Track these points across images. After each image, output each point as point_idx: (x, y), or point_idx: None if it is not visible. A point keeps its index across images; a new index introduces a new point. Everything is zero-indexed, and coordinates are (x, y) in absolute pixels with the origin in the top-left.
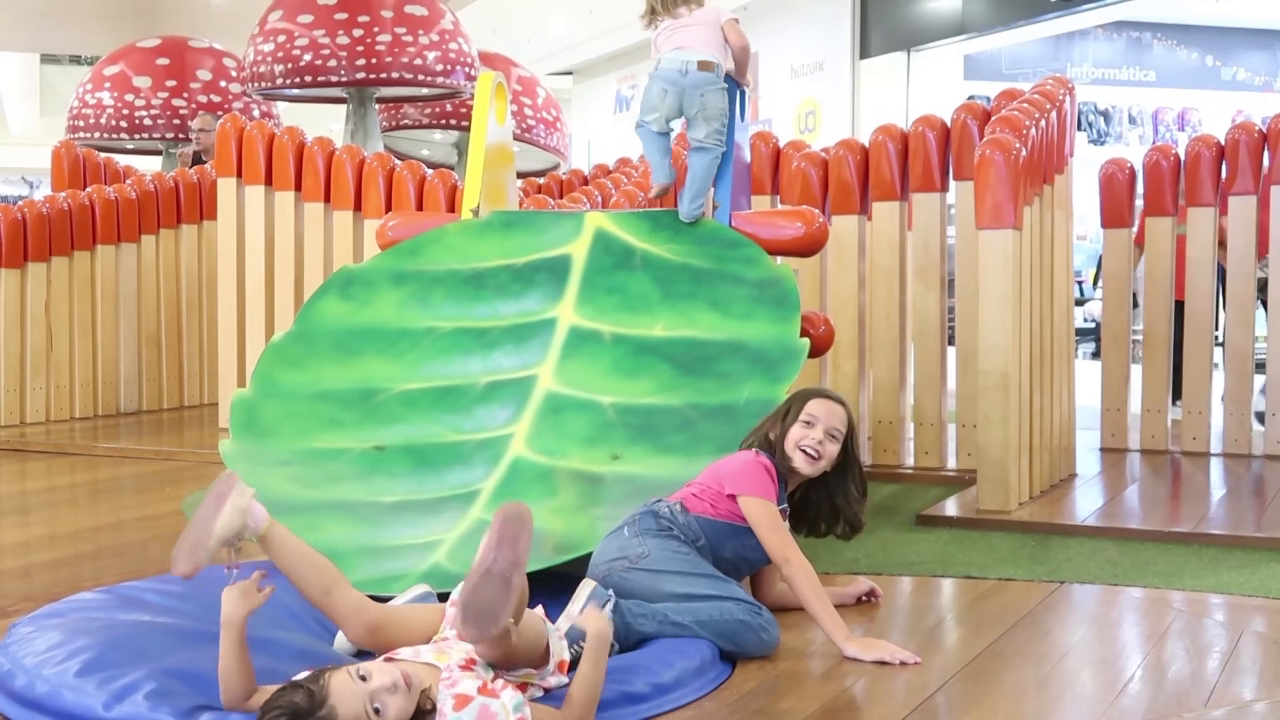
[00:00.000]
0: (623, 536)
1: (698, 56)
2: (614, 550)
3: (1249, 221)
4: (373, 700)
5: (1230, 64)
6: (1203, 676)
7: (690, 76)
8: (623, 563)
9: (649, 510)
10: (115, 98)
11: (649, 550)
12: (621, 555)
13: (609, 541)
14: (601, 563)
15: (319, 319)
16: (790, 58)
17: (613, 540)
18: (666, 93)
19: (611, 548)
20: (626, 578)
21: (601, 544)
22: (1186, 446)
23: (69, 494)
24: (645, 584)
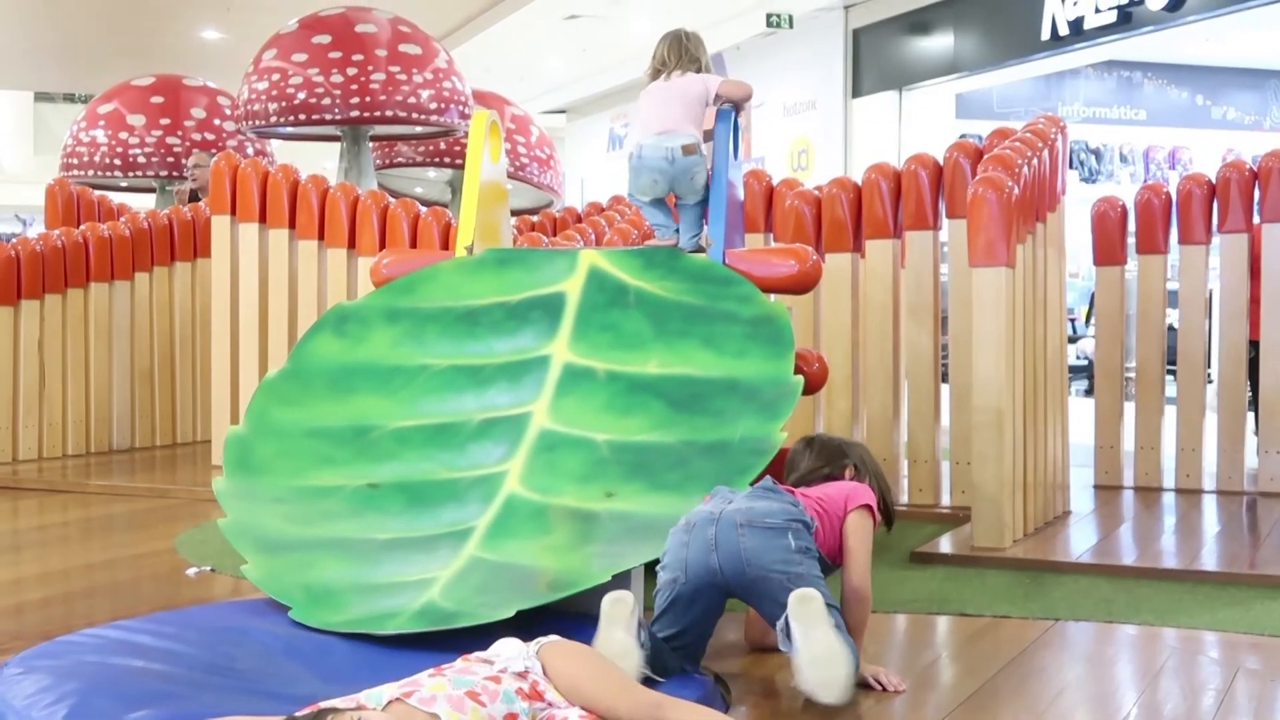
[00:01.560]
0: (786, 544)
1: (681, 141)
2: (779, 557)
3: (1240, 259)
4: None
5: (1220, 103)
6: (1198, 714)
7: (677, 164)
8: (783, 577)
9: (801, 521)
10: (109, 135)
11: (806, 575)
12: (785, 570)
13: (767, 539)
14: (766, 564)
15: (312, 356)
16: (783, 96)
17: (773, 540)
18: (657, 182)
19: (775, 550)
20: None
21: (756, 537)
22: (1180, 484)
23: (61, 532)
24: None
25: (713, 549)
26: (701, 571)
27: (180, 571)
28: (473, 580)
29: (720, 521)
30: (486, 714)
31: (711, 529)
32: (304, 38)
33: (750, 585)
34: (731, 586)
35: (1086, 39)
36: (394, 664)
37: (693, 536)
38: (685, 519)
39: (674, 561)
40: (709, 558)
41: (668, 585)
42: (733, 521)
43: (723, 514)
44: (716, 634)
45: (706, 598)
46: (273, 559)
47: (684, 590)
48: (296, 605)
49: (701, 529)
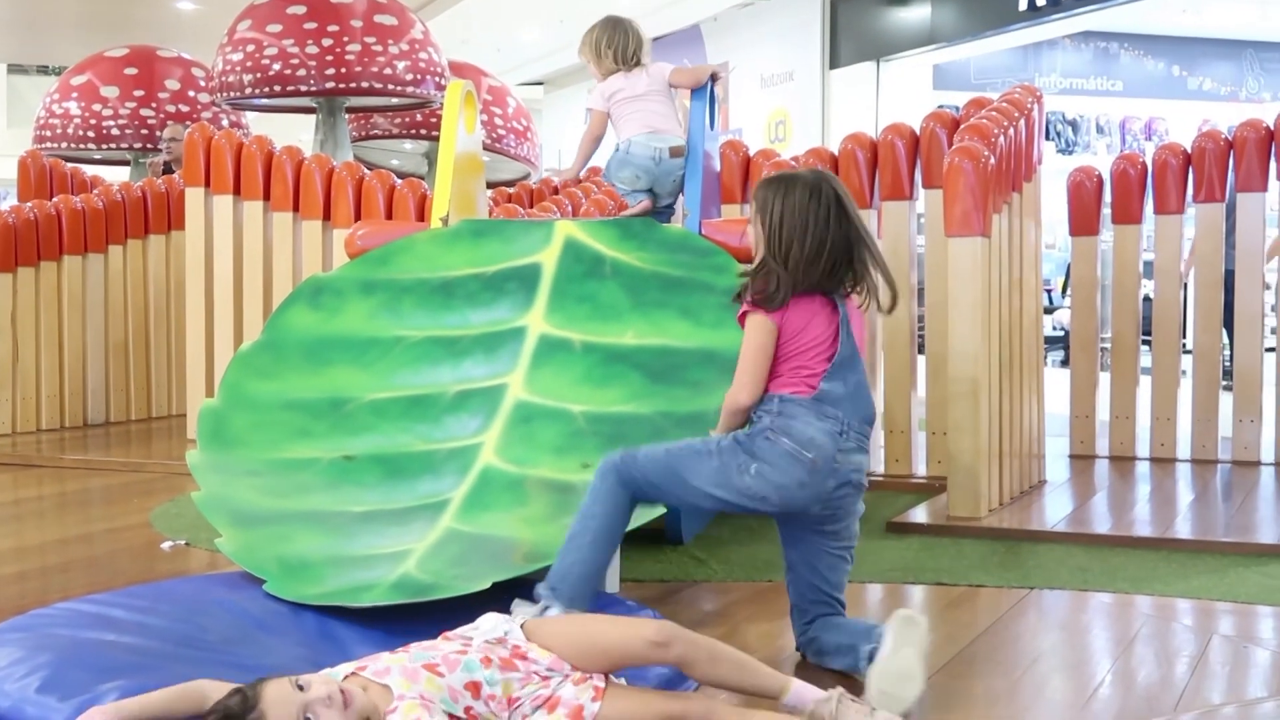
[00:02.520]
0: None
1: (670, 142)
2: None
3: (1216, 229)
4: (306, 710)
5: (1196, 74)
6: (1172, 681)
7: (664, 165)
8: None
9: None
10: (83, 107)
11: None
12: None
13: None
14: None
15: (287, 328)
16: (760, 68)
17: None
18: (639, 178)
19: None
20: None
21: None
22: (1155, 453)
23: (36, 506)
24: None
25: (820, 501)
26: (797, 507)
27: (155, 545)
28: (449, 552)
29: (841, 476)
30: (444, 683)
31: (831, 483)
32: (279, 8)
33: (818, 528)
34: (799, 518)
35: (1063, 9)
36: (369, 637)
37: (812, 480)
38: (813, 458)
39: (778, 488)
40: (812, 503)
41: (749, 498)
42: (852, 481)
43: (844, 466)
44: (691, 604)
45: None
46: (248, 532)
47: (763, 509)
48: (271, 578)
49: (823, 479)
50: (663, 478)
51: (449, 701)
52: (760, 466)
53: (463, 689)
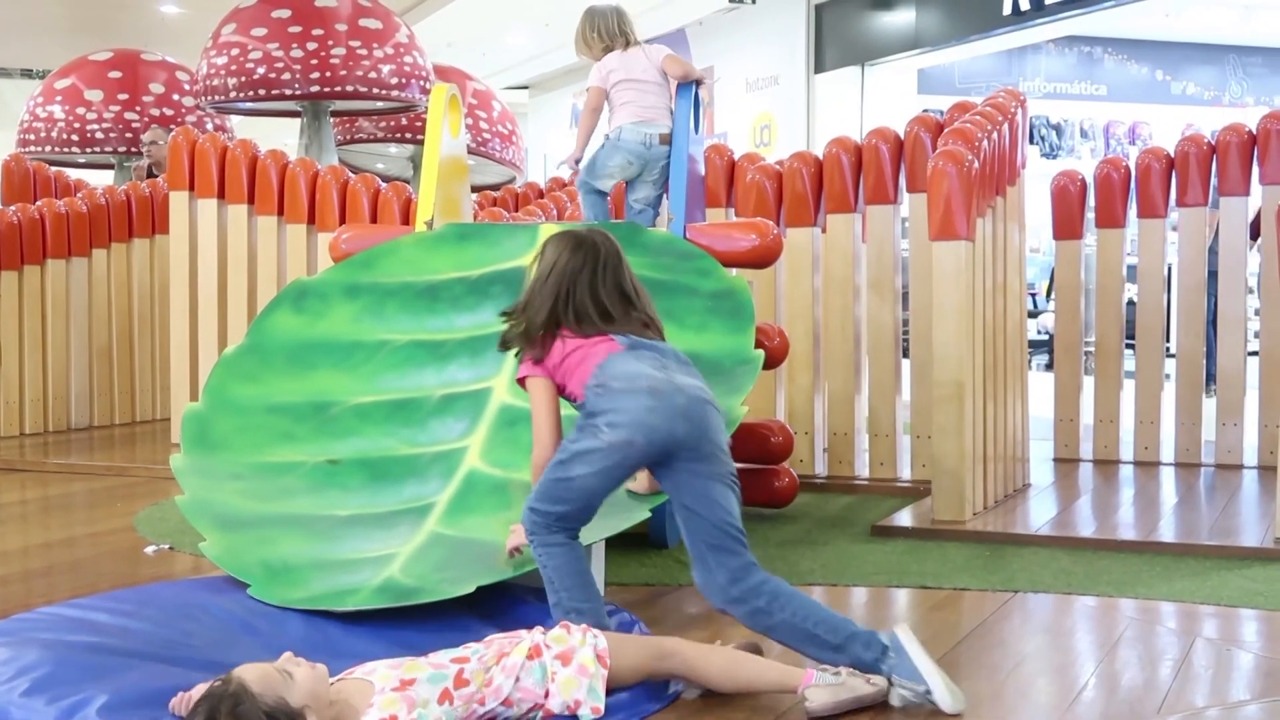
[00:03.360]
0: (722, 423)
1: (659, 129)
2: (724, 436)
3: (1199, 233)
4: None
5: (1180, 78)
6: (1156, 684)
7: (654, 150)
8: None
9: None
10: (67, 111)
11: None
12: (724, 447)
13: (719, 419)
14: (719, 441)
15: (272, 332)
16: (745, 72)
17: (720, 420)
18: (630, 164)
19: (722, 430)
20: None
21: (715, 415)
22: (1139, 456)
23: (19, 510)
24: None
25: (683, 418)
26: (664, 439)
27: (139, 550)
28: (433, 556)
29: (688, 395)
30: (426, 661)
31: (680, 399)
32: (264, 12)
33: (698, 459)
34: (676, 455)
35: (1047, 14)
36: (354, 640)
37: (660, 403)
38: (646, 383)
39: (634, 425)
40: (675, 425)
41: (615, 449)
42: (700, 398)
43: (684, 386)
44: (676, 608)
45: (635, 469)
46: (231, 536)
47: (634, 455)
48: (255, 582)
49: (669, 397)
50: (560, 499)
51: (437, 675)
52: (607, 417)
53: (449, 662)
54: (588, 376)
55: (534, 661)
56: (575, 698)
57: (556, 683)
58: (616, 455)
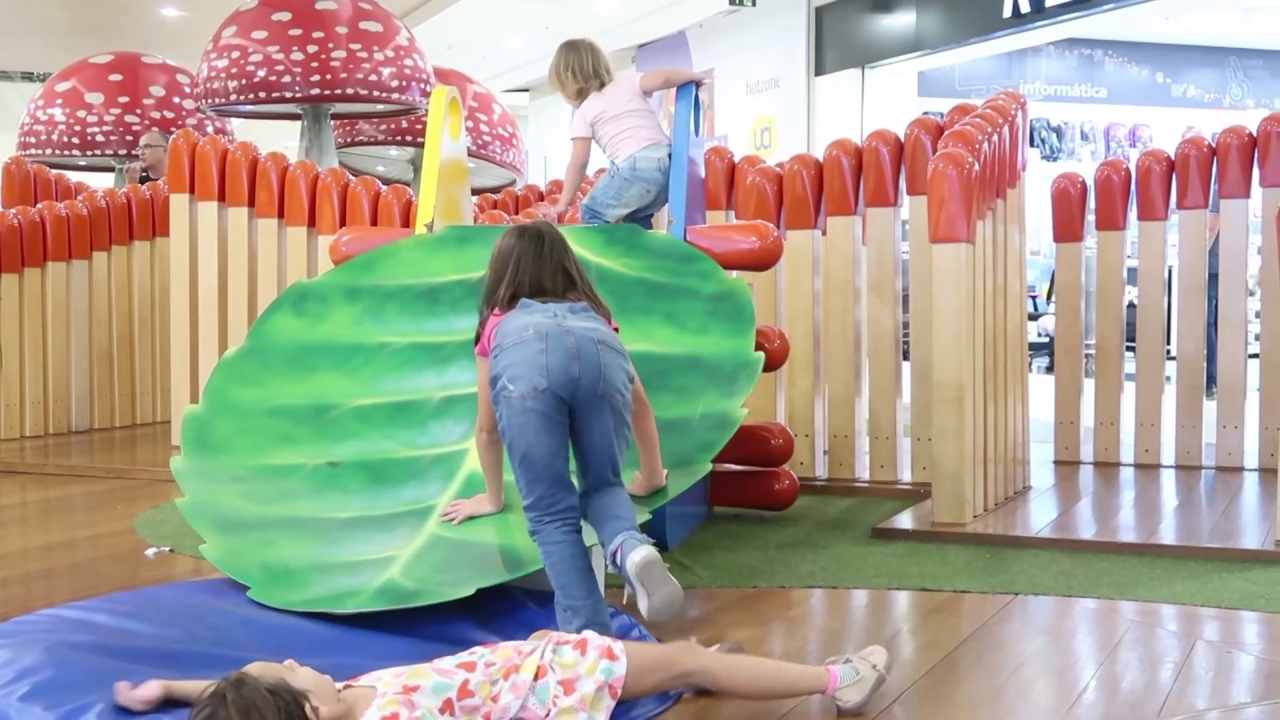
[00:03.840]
0: (626, 369)
1: (667, 150)
2: (622, 380)
3: (1199, 235)
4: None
5: (1180, 81)
6: (1156, 686)
7: (667, 174)
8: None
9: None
10: (67, 114)
11: (629, 404)
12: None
13: (616, 360)
14: (615, 384)
15: (272, 335)
16: (746, 75)
17: (619, 362)
18: (649, 191)
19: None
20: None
21: (609, 355)
22: (1139, 459)
23: (20, 513)
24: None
25: (574, 358)
26: (562, 377)
27: (139, 552)
28: (433, 558)
29: (577, 335)
30: (431, 668)
31: (570, 339)
32: (264, 15)
33: (595, 401)
34: (578, 399)
35: (1047, 16)
36: (353, 643)
37: (550, 344)
38: (531, 330)
39: (531, 370)
40: (570, 365)
41: (522, 401)
42: (590, 338)
43: (574, 328)
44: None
45: (562, 412)
46: (232, 538)
47: (544, 401)
48: (256, 585)
49: (559, 339)
50: (526, 480)
51: (441, 685)
52: (507, 374)
53: (455, 668)
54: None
55: (540, 682)
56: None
57: (557, 707)
58: (531, 404)
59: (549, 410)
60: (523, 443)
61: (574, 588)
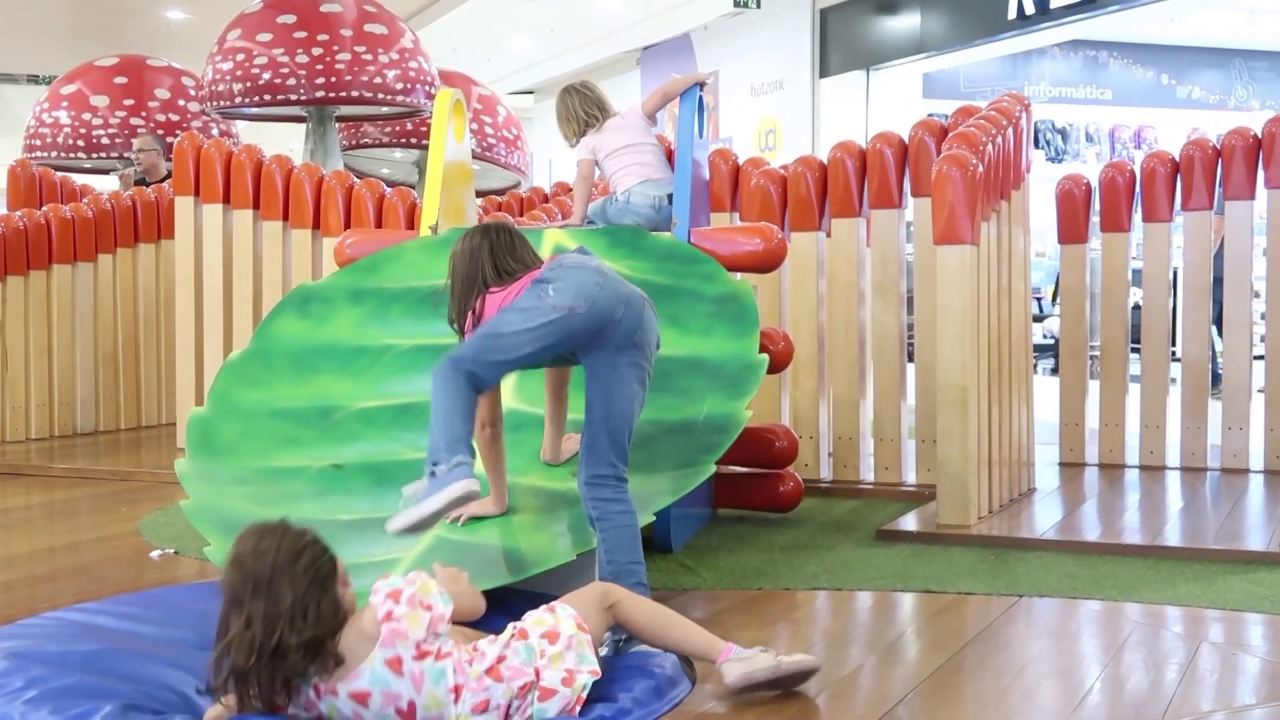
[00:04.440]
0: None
1: (666, 190)
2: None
3: (1204, 237)
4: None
5: (1185, 82)
6: (1161, 688)
7: (663, 212)
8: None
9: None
10: (72, 117)
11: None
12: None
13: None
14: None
15: (276, 337)
16: (750, 77)
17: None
18: (640, 225)
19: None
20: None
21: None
22: (1144, 460)
23: (25, 515)
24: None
25: (624, 302)
26: (603, 314)
27: (144, 554)
28: (438, 561)
29: (630, 287)
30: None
31: (625, 288)
32: (269, 17)
33: (626, 347)
34: (608, 340)
35: (1052, 18)
36: None
37: (607, 281)
38: (597, 265)
39: (579, 292)
40: (617, 308)
41: (555, 310)
42: (639, 294)
43: (628, 283)
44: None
45: (570, 345)
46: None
47: (572, 322)
48: None
49: (616, 283)
50: (483, 346)
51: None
52: (556, 284)
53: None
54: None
55: (521, 642)
56: (566, 668)
57: (546, 658)
58: (555, 316)
59: (564, 329)
60: (520, 334)
61: (448, 420)
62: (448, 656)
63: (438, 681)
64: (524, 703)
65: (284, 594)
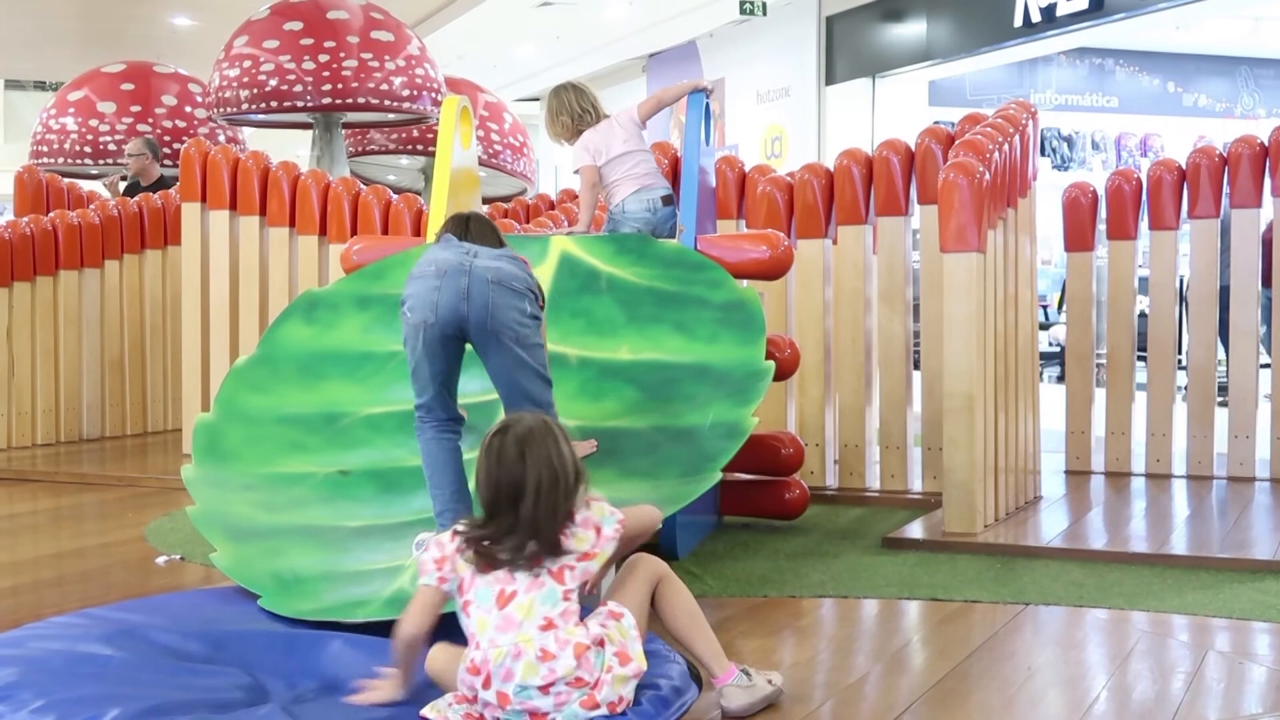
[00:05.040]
0: (523, 308)
1: (659, 193)
2: (515, 317)
3: (1211, 245)
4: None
5: (1191, 90)
6: (1167, 697)
7: (659, 214)
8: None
9: (535, 290)
10: (79, 123)
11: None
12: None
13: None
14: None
15: (283, 343)
16: (757, 84)
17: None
18: (639, 229)
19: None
20: None
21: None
22: (1150, 469)
23: (31, 520)
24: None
25: (464, 298)
26: (450, 315)
27: (150, 560)
28: None
29: (472, 274)
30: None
31: (464, 279)
32: (276, 24)
33: (487, 336)
34: (470, 334)
35: (1059, 26)
36: (364, 652)
37: (444, 283)
38: (435, 266)
39: (423, 305)
40: (460, 305)
41: (416, 329)
42: (484, 278)
43: (473, 267)
44: None
45: (451, 343)
46: (242, 546)
47: (432, 333)
48: (266, 593)
49: (454, 278)
50: (416, 387)
51: None
52: (408, 303)
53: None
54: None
55: (597, 648)
56: (620, 694)
57: (611, 675)
58: (420, 333)
59: (437, 340)
60: (414, 358)
61: (438, 479)
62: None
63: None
64: (568, 694)
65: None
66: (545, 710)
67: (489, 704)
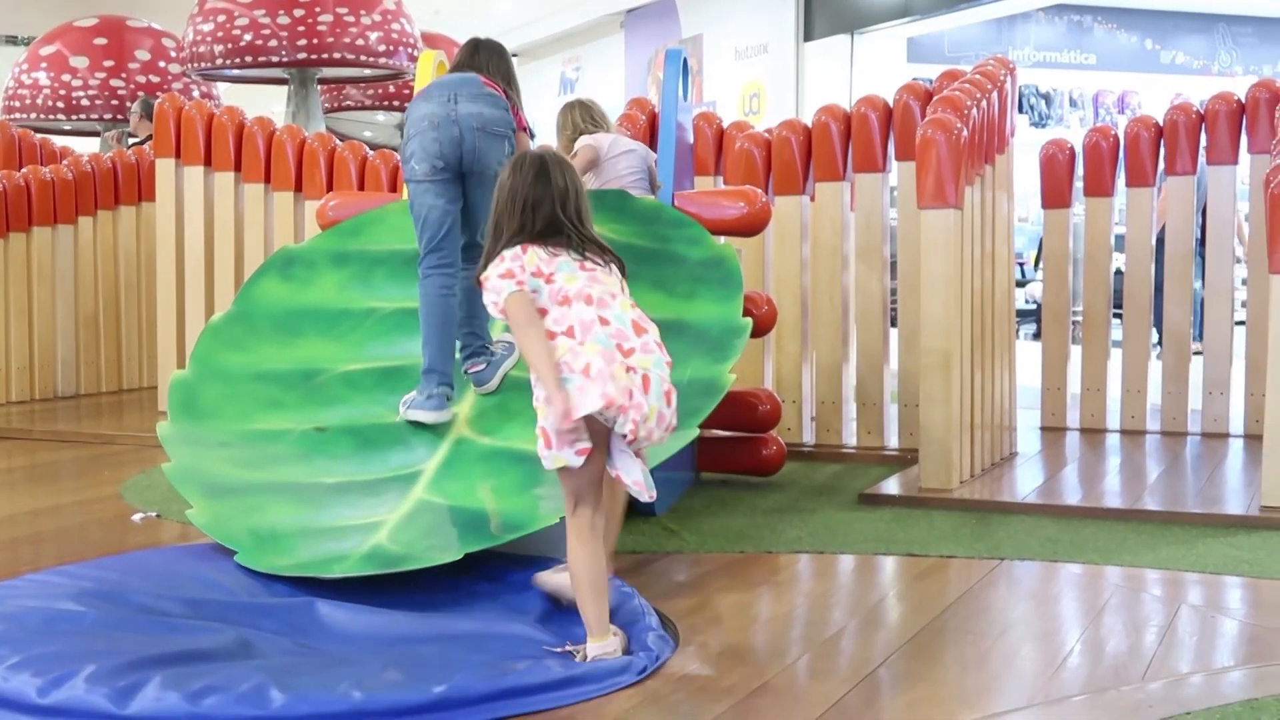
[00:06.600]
0: (504, 149)
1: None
2: (497, 158)
3: (1187, 202)
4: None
5: (1169, 47)
6: (1140, 650)
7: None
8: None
9: (513, 128)
10: (52, 78)
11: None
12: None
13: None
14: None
15: (259, 300)
16: (734, 41)
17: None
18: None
19: (496, 152)
20: None
21: (486, 140)
22: (1125, 425)
23: (6, 478)
24: None
25: (457, 143)
26: (451, 158)
27: (126, 517)
28: (420, 523)
29: (460, 123)
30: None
31: (454, 129)
32: None
33: (473, 176)
34: (464, 174)
35: None
36: (341, 607)
37: (440, 134)
38: (427, 121)
39: (430, 153)
40: (454, 150)
41: (430, 173)
42: (471, 125)
43: (459, 116)
44: (664, 575)
45: (454, 184)
46: (219, 503)
47: (445, 176)
48: (243, 549)
49: (445, 128)
50: (419, 229)
51: None
52: (412, 156)
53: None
54: None
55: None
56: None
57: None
58: (430, 179)
59: (443, 181)
60: (424, 206)
61: (430, 335)
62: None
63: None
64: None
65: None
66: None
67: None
